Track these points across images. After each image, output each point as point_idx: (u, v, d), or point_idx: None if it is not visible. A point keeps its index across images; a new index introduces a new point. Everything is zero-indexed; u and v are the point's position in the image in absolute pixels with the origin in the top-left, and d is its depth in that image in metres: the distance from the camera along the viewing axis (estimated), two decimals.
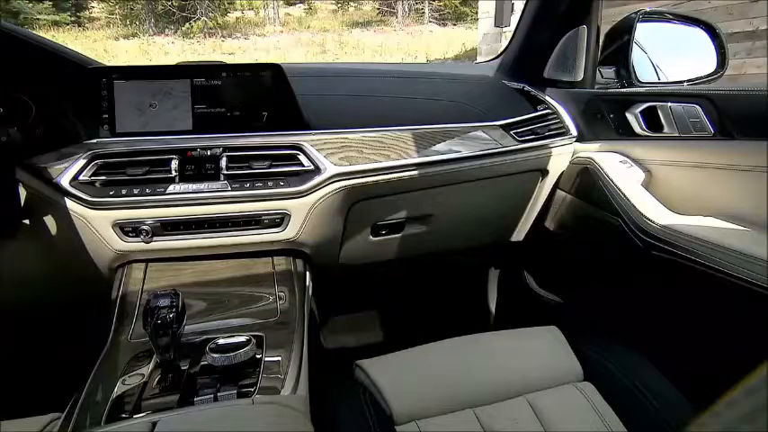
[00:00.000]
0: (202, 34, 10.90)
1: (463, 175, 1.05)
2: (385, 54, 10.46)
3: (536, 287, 1.36)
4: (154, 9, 11.23)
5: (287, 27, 12.54)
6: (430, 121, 1.03)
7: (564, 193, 1.18)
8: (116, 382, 0.63)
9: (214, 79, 0.89)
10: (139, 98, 0.87)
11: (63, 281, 0.94)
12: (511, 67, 1.24)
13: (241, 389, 0.60)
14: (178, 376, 0.63)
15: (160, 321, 0.61)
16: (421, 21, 13.48)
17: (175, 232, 0.86)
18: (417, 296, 1.52)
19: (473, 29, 11.73)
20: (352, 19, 13.69)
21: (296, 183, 0.87)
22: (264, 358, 0.67)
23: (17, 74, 0.80)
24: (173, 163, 0.84)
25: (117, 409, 0.58)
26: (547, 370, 0.84)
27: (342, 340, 1.39)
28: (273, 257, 0.93)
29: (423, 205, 1.09)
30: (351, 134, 0.94)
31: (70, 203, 0.82)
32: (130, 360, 0.69)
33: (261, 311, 0.81)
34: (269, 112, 0.90)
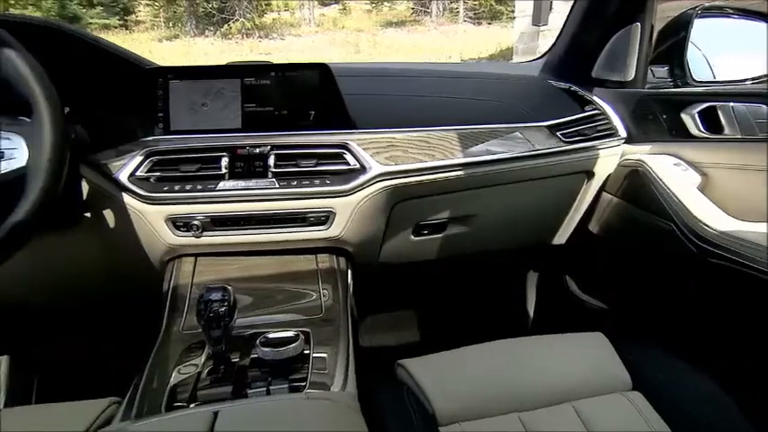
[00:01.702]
0: (240, 35, 11.18)
1: (508, 176, 1.03)
2: (418, 54, 10.42)
3: (578, 291, 1.33)
4: (195, 11, 11.61)
5: (322, 27, 12.68)
6: (475, 121, 1.02)
7: (610, 195, 1.15)
8: (172, 372, 0.65)
9: (263, 79, 0.91)
10: (192, 97, 0.90)
11: (117, 272, 0.98)
12: (557, 66, 1.22)
13: (292, 383, 0.61)
14: (229, 368, 0.65)
15: (212, 314, 0.62)
16: (455, 20, 13.35)
17: (224, 228, 0.88)
18: (455, 297, 1.50)
19: (508, 28, 11.52)
20: (385, 19, 13.70)
21: (342, 181, 0.88)
22: (312, 354, 0.68)
23: (82, 74, 0.84)
24: (223, 160, 0.87)
25: (174, 397, 0.60)
26: (593, 377, 0.82)
27: (379, 339, 1.40)
28: (317, 255, 0.95)
29: (466, 206, 1.08)
30: (396, 134, 0.94)
31: (127, 198, 0.86)
32: (183, 351, 0.71)
33: (305, 308, 0.83)
34: (316, 110, 0.92)
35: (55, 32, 0.83)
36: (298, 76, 0.92)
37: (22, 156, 0.64)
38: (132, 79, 0.90)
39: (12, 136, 0.65)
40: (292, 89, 0.92)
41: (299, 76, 0.92)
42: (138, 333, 1.26)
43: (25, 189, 0.64)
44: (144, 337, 1.23)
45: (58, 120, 0.66)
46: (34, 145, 0.64)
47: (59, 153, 0.66)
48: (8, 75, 0.64)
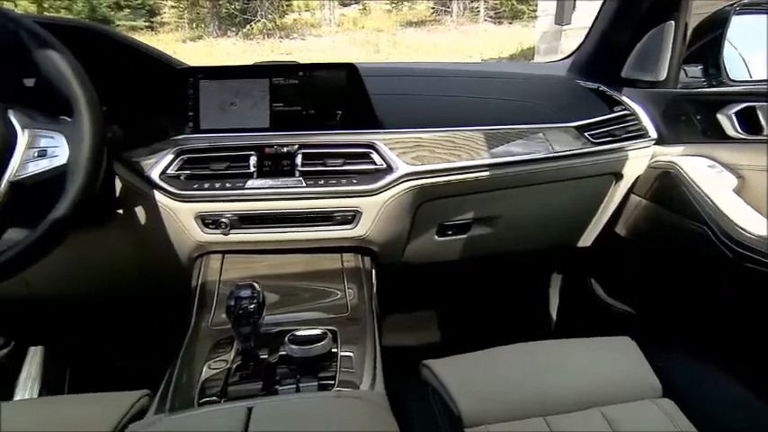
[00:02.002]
0: (262, 35, 11.33)
1: (534, 176, 1.02)
2: (438, 53, 10.38)
3: (603, 295, 1.30)
4: (218, 13, 11.83)
5: (342, 27, 12.75)
6: (501, 122, 1.01)
7: (639, 197, 1.12)
8: (202, 367, 0.67)
9: (291, 78, 0.92)
10: (222, 97, 0.92)
11: (147, 268, 1.00)
12: (585, 66, 1.20)
13: (321, 381, 0.62)
14: (258, 365, 0.66)
15: (242, 311, 0.63)
16: (476, 19, 13.26)
17: (252, 226, 0.89)
18: (477, 298, 1.49)
19: (530, 27, 11.38)
20: (405, 18, 13.68)
21: (368, 181, 0.88)
22: (340, 353, 0.68)
23: (118, 74, 0.86)
24: (251, 159, 0.88)
25: (206, 392, 0.62)
26: (622, 382, 0.80)
27: (401, 338, 1.40)
28: (342, 254, 0.95)
29: (491, 206, 1.07)
30: (423, 133, 0.94)
31: (158, 195, 0.87)
32: (213, 346, 0.72)
33: (331, 306, 0.83)
34: (343, 110, 0.92)
35: (93, 34, 0.85)
36: (325, 76, 0.92)
37: (64, 154, 0.66)
38: (164, 79, 0.92)
39: (54, 134, 0.67)
40: (320, 89, 0.92)
41: (327, 76, 0.92)
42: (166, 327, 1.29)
43: (65, 186, 0.66)
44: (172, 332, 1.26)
45: (97, 120, 0.68)
46: (74, 144, 0.66)
47: (98, 152, 0.68)
48: (51, 75, 0.66)
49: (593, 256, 1.28)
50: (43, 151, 0.67)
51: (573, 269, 1.44)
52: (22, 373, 1.26)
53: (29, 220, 0.69)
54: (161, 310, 1.25)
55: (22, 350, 1.28)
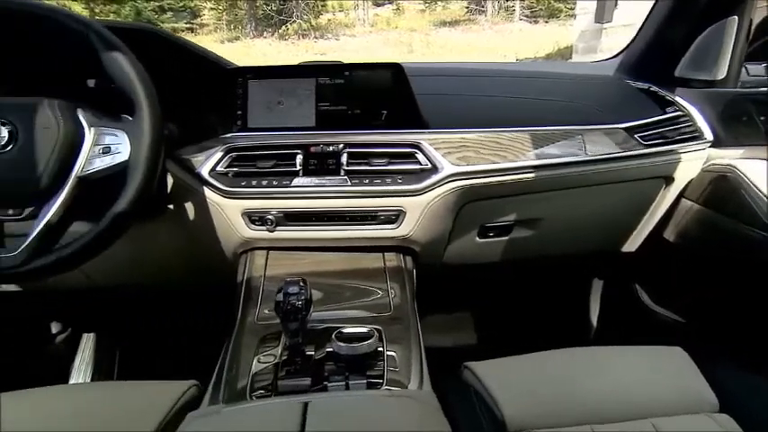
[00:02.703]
0: (297, 36, 11.52)
1: (581, 179, 1.00)
2: (473, 53, 10.27)
3: (650, 302, 1.26)
4: (255, 14, 12.10)
5: (375, 27, 12.79)
6: (547, 122, 0.99)
7: (690, 202, 1.08)
8: (252, 361, 0.68)
9: (337, 78, 0.93)
10: (269, 96, 0.94)
11: (195, 261, 1.03)
12: (635, 65, 1.16)
13: (369, 379, 0.62)
14: (306, 360, 0.67)
15: (290, 307, 0.64)
16: (510, 19, 13.04)
17: (297, 223, 0.91)
18: (515, 301, 1.47)
19: (567, 26, 11.11)
20: (439, 18, 13.60)
21: (413, 181, 0.88)
22: (386, 352, 0.69)
23: (172, 74, 0.89)
24: (297, 157, 0.89)
25: (256, 385, 0.63)
26: (675, 394, 0.77)
27: (438, 339, 1.39)
28: (384, 253, 0.96)
29: (534, 208, 1.05)
30: (468, 134, 0.93)
31: (208, 192, 0.90)
32: (260, 341, 0.74)
33: (374, 305, 0.84)
34: (388, 110, 0.92)
35: (151, 36, 0.88)
36: (371, 76, 0.93)
37: (126, 151, 0.69)
38: (214, 79, 0.95)
39: (118, 132, 0.70)
40: (365, 88, 0.93)
41: (372, 76, 0.93)
42: (211, 319, 1.33)
43: (126, 181, 0.69)
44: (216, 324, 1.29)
45: (157, 119, 0.70)
46: (136, 141, 0.69)
47: (157, 149, 0.71)
48: (116, 76, 0.69)
49: (638, 261, 1.24)
50: (107, 148, 0.70)
51: (615, 274, 1.39)
52: (77, 359, 1.33)
53: (92, 214, 0.73)
54: (206, 302, 1.29)
55: (77, 337, 1.35)
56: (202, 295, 1.23)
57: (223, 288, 1.02)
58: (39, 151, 0.67)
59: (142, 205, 0.71)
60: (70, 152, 0.69)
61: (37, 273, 0.68)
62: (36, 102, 0.69)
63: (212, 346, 1.29)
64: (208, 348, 1.31)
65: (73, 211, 0.71)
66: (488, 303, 1.48)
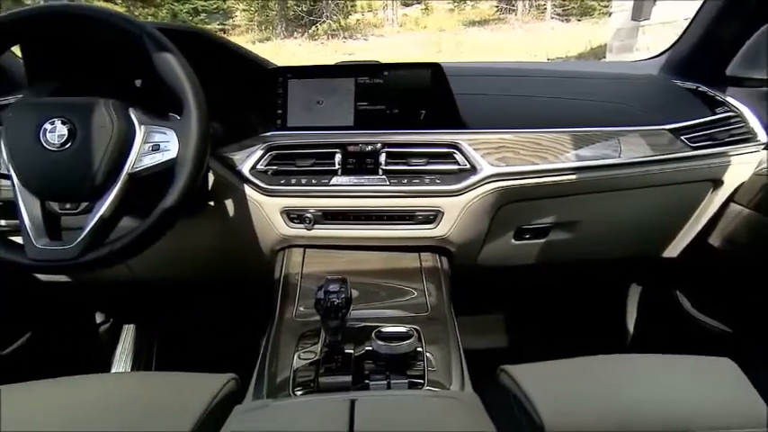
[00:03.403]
0: (326, 36, 11.66)
1: (623, 181, 0.97)
2: (503, 53, 10.14)
3: (693, 311, 1.21)
4: (286, 15, 12.32)
5: (404, 27, 12.79)
6: (588, 124, 0.96)
7: (740, 206, 1.03)
8: (293, 357, 0.69)
9: (376, 78, 0.93)
10: (309, 95, 0.95)
11: (232, 257, 1.06)
12: (682, 64, 1.12)
13: (410, 379, 0.62)
14: (346, 358, 0.67)
15: (330, 305, 0.65)
16: (542, 18, 12.82)
17: (334, 222, 0.92)
18: (548, 304, 1.44)
19: (600, 24, 10.83)
20: (468, 18, 13.49)
21: (451, 181, 0.88)
22: (425, 352, 0.68)
23: (216, 74, 0.91)
24: (336, 156, 0.90)
25: (299, 381, 0.64)
26: (725, 408, 0.74)
27: (470, 341, 1.38)
28: (420, 253, 0.95)
29: (572, 211, 1.03)
30: (507, 134, 0.92)
31: (248, 189, 0.92)
32: (300, 337, 0.75)
33: (411, 305, 0.84)
34: (427, 109, 0.92)
35: (196, 37, 0.91)
36: (410, 75, 0.93)
37: (174, 148, 0.71)
38: (255, 78, 0.97)
39: (167, 131, 0.72)
40: (404, 88, 0.93)
41: (412, 75, 0.93)
42: (247, 314, 1.36)
43: (174, 178, 0.71)
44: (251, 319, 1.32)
45: (204, 118, 0.72)
46: (184, 139, 0.71)
47: (203, 147, 0.73)
48: (166, 76, 0.72)
49: (680, 267, 1.19)
50: (156, 146, 0.72)
51: (655, 281, 1.35)
52: (118, 348, 1.38)
53: (140, 210, 0.75)
54: (242, 298, 1.31)
55: (119, 328, 1.40)
56: (238, 291, 1.25)
57: (259, 284, 1.04)
58: (94, 149, 0.70)
59: (188, 201, 0.73)
60: (122, 150, 0.71)
61: (91, 265, 0.71)
62: (93, 101, 0.71)
63: (248, 341, 1.31)
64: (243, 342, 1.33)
65: (123, 206, 0.73)
66: (521, 306, 1.46)
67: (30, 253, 0.70)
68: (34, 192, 0.72)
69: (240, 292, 1.27)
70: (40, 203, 0.73)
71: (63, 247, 0.70)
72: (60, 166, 0.70)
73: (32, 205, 0.72)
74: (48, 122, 0.70)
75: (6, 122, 0.71)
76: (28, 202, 0.72)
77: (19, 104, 0.75)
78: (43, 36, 0.79)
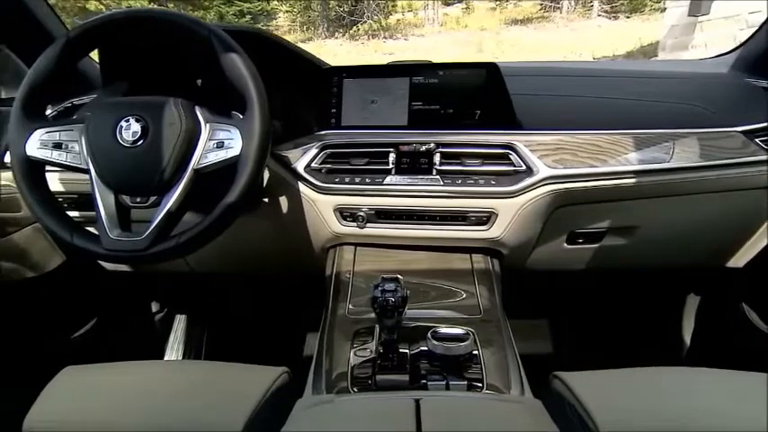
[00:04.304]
0: (367, 36, 11.72)
1: (687, 186, 0.92)
2: (546, 52, 9.89)
3: (760, 323, 1.14)
4: (327, 15, 12.49)
5: (445, 27, 12.69)
6: (652, 125, 0.92)
7: None
8: (349, 354, 0.70)
9: (431, 77, 0.93)
10: (363, 95, 0.96)
11: (284, 253, 1.08)
12: (756, 62, 1.05)
13: (469, 382, 0.61)
14: (401, 357, 0.67)
15: (386, 303, 0.65)
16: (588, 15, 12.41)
17: (387, 221, 0.92)
18: (600, 311, 1.40)
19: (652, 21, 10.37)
20: (510, 16, 13.23)
21: (506, 182, 0.87)
22: (482, 355, 0.68)
23: (276, 73, 0.93)
24: (390, 156, 0.90)
25: (356, 379, 0.64)
26: None
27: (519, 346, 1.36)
28: (471, 255, 0.94)
29: (630, 216, 0.99)
30: (565, 136, 0.89)
31: (302, 187, 0.94)
32: (354, 334, 0.75)
33: (463, 306, 0.83)
34: (482, 110, 0.91)
35: (257, 38, 0.93)
36: (465, 75, 0.92)
37: (238, 146, 0.74)
38: (311, 77, 0.98)
39: (230, 128, 0.75)
40: (459, 88, 0.92)
41: (467, 75, 0.92)
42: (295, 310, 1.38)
43: (236, 175, 0.74)
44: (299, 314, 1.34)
45: (266, 116, 0.74)
46: (247, 137, 0.73)
47: (265, 145, 0.75)
48: (232, 76, 0.74)
49: (747, 278, 1.12)
50: (221, 143, 0.75)
51: (717, 291, 1.28)
52: (170, 337, 1.44)
53: (204, 205, 0.78)
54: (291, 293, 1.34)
55: (171, 317, 1.46)
56: (288, 286, 1.28)
57: (309, 280, 1.05)
58: (164, 145, 0.73)
59: (249, 198, 0.75)
60: (189, 146, 0.74)
61: (158, 256, 0.74)
62: (164, 101, 0.75)
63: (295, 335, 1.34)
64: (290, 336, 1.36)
65: (187, 201, 0.76)
66: (570, 312, 1.42)
67: (105, 243, 0.74)
68: (109, 185, 0.76)
69: (289, 288, 1.29)
70: (114, 196, 0.77)
71: (133, 239, 0.74)
72: (133, 161, 0.74)
73: (107, 198, 0.76)
74: (123, 120, 0.74)
75: (88, 121, 0.76)
76: (103, 194, 0.76)
77: (98, 104, 0.80)
78: (119, 39, 0.83)
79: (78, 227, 0.77)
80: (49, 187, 0.80)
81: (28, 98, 0.77)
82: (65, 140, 0.77)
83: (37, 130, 0.76)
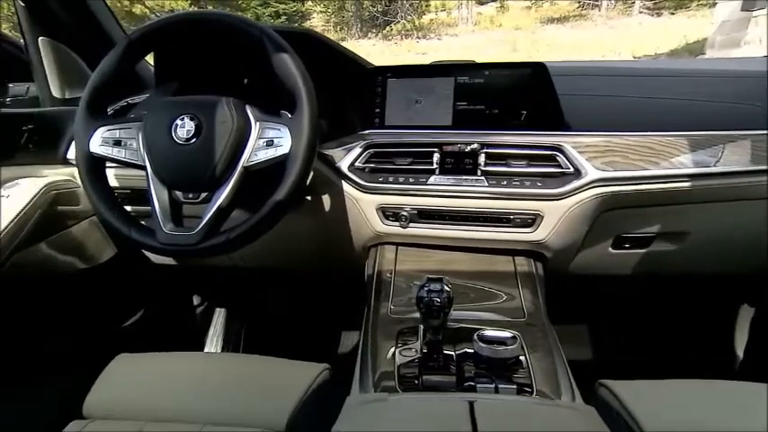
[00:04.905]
0: (400, 36, 11.75)
1: (745, 190, 0.88)
2: (583, 51, 9.63)
3: None
4: (361, 16, 12.59)
5: (479, 26, 12.56)
6: (708, 127, 0.88)
7: None
8: (395, 353, 0.70)
9: (477, 77, 0.92)
10: (407, 95, 0.96)
11: (325, 251, 1.09)
12: None
13: (518, 386, 0.61)
14: (446, 358, 0.67)
15: (433, 303, 0.65)
16: (628, 12, 12.01)
17: (430, 221, 0.92)
18: (643, 318, 1.35)
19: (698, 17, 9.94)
20: (546, 15, 12.96)
21: (553, 185, 0.85)
22: (530, 359, 0.67)
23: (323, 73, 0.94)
24: (434, 156, 0.90)
25: (403, 378, 0.65)
26: None
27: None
28: (514, 257, 0.93)
29: (681, 221, 0.95)
30: (615, 137, 0.87)
31: (345, 186, 0.94)
32: (398, 334, 0.75)
33: (507, 309, 0.82)
34: (528, 110, 0.89)
35: (306, 38, 0.95)
36: (512, 75, 0.91)
37: (287, 144, 0.75)
38: (356, 77, 0.99)
39: (281, 127, 0.76)
40: (505, 88, 0.91)
41: (514, 75, 0.91)
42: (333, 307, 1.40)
43: (286, 172, 0.75)
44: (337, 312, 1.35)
45: (315, 116, 0.75)
46: (296, 136, 0.75)
47: (314, 144, 0.76)
48: (283, 75, 0.76)
49: None
50: (270, 141, 0.76)
51: None
52: (210, 330, 1.49)
53: (251, 203, 0.80)
54: (329, 290, 1.36)
55: (211, 310, 1.51)
56: (325, 284, 1.29)
57: (346, 278, 1.06)
58: (216, 143, 0.75)
59: (297, 195, 0.77)
60: (239, 144, 0.76)
61: (208, 251, 0.77)
62: (217, 100, 0.77)
63: (332, 333, 1.35)
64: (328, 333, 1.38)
65: (236, 198, 0.78)
66: (614, 318, 1.38)
67: (159, 237, 0.77)
68: (163, 181, 0.79)
69: (326, 286, 1.31)
70: (167, 192, 0.80)
71: (186, 233, 0.77)
72: (186, 158, 0.77)
73: (161, 194, 0.79)
74: (179, 119, 0.76)
75: (145, 119, 0.79)
76: (158, 190, 0.79)
77: (154, 103, 0.83)
78: (175, 41, 0.86)
79: (136, 221, 0.81)
80: (108, 183, 0.84)
81: (92, 98, 0.81)
82: (123, 138, 0.81)
83: (99, 128, 0.80)
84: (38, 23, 1.04)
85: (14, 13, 1.04)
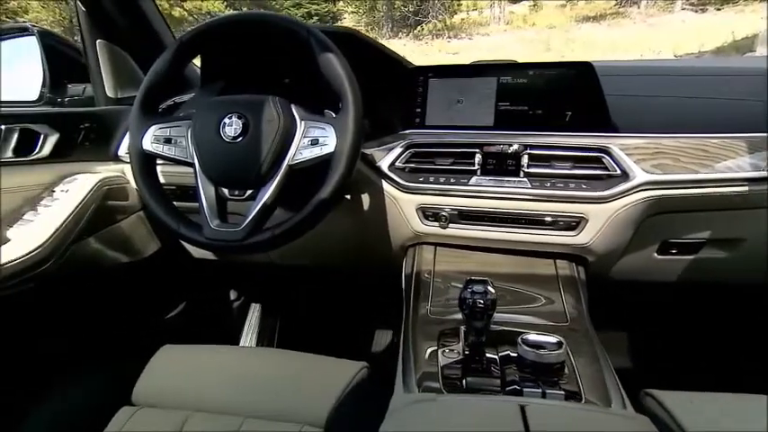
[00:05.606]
0: (431, 36, 11.71)
1: None
2: (620, 50, 9.36)
3: None
4: (392, 16, 12.62)
5: (511, 25, 12.38)
6: (763, 128, 0.84)
7: None
8: (438, 354, 0.70)
9: (520, 77, 0.91)
10: (448, 94, 0.95)
11: (363, 250, 1.10)
12: None
13: (566, 392, 0.59)
14: (489, 361, 0.66)
15: (476, 305, 0.64)
16: (669, 9, 11.59)
17: (470, 222, 0.91)
18: (688, 327, 1.30)
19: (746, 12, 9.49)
20: (581, 13, 12.64)
21: (599, 187, 0.83)
22: (576, 365, 0.65)
23: (367, 73, 0.95)
24: (476, 157, 0.89)
25: (446, 379, 0.64)
26: None
27: None
28: (556, 260, 0.91)
29: (735, 227, 0.91)
30: (665, 139, 0.84)
31: (385, 185, 0.95)
32: (439, 335, 0.75)
33: (549, 313, 0.80)
34: (573, 111, 0.88)
35: (350, 38, 0.96)
36: (557, 75, 0.89)
37: (332, 143, 0.76)
38: (397, 77, 0.99)
39: (325, 126, 0.77)
40: (549, 88, 0.89)
41: (559, 75, 0.89)
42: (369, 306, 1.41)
43: (330, 171, 0.76)
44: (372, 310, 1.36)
45: (360, 115, 0.76)
46: (341, 135, 0.75)
47: (358, 143, 0.76)
48: (329, 75, 0.77)
49: None
50: (315, 140, 0.78)
51: None
52: (245, 324, 1.52)
53: (294, 201, 0.81)
54: (366, 289, 1.37)
55: (247, 305, 1.54)
56: (361, 282, 1.30)
57: (382, 278, 1.06)
58: (263, 141, 0.77)
59: (340, 194, 0.78)
60: (285, 143, 0.78)
61: (253, 247, 0.78)
62: (263, 99, 0.79)
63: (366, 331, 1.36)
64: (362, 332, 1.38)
65: (281, 196, 0.80)
66: (657, 325, 1.33)
67: (206, 232, 0.79)
68: (211, 178, 0.81)
69: (362, 284, 1.31)
70: (214, 189, 0.82)
71: (231, 230, 0.78)
72: (233, 155, 0.79)
73: (209, 190, 0.82)
74: (227, 117, 0.78)
75: (194, 118, 0.82)
76: (205, 187, 0.81)
77: (202, 102, 0.86)
78: (223, 41, 0.88)
79: (184, 217, 0.83)
80: (159, 179, 0.87)
81: (146, 97, 0.84)
82: (173, 136, 0.83)
83: (151, 127, 0.83)
84: (96, 27, 1.09)
85: (65, 18, 1.09)
